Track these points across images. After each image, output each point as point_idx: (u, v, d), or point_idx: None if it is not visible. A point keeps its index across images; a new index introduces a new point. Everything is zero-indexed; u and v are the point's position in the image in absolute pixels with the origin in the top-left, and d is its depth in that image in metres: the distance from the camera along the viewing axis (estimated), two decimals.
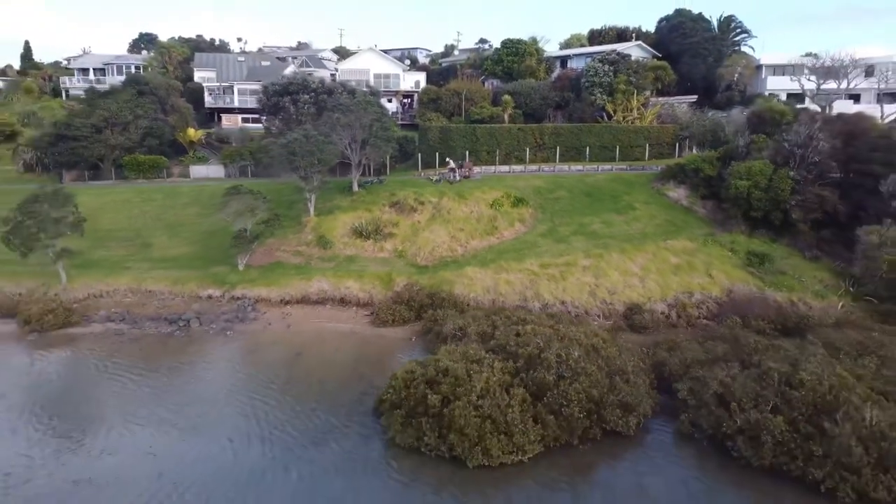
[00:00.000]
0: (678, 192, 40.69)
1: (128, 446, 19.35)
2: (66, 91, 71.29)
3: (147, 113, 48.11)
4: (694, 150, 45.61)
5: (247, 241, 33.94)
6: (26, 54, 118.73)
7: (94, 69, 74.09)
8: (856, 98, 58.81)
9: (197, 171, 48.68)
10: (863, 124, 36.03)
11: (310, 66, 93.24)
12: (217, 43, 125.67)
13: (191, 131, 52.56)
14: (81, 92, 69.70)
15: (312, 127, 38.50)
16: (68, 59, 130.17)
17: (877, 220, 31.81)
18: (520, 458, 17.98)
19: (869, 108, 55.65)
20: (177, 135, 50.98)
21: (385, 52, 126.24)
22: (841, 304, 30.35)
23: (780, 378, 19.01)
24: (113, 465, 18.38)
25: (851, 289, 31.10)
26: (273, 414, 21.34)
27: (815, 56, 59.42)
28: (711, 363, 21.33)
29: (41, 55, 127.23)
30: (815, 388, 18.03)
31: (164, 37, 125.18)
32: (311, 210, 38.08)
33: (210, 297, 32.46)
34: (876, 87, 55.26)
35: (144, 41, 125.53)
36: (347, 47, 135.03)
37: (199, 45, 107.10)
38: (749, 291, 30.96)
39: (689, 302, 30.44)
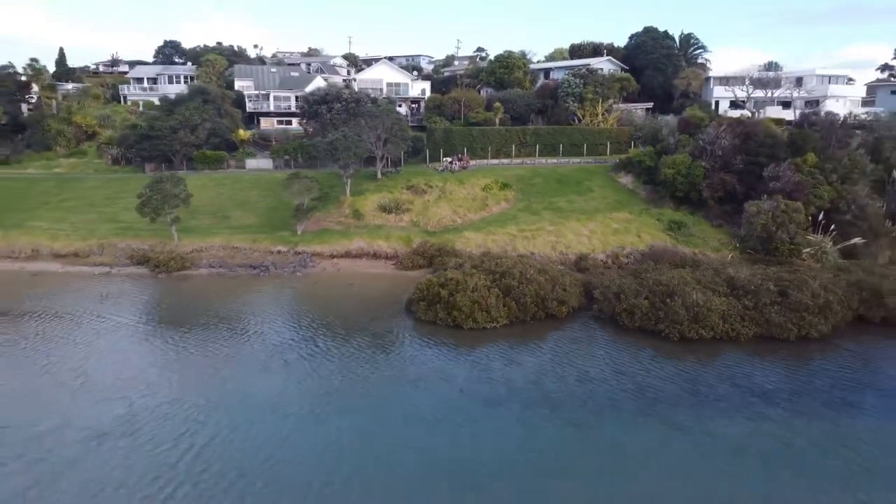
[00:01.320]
0: (626, 179, 53.85)
1: (245, 331, 32.32)
2: (125, 97, 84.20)
3: (210, 117, 61.15)
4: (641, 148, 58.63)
5: (304, 213, 47.03)
6: (61, 60, 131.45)
7: (147, 78, 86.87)
8: (786, 104, 71.95)
9: (250, 163, 61.72)
10: (756, 127, 49.16)
11: (324, 73, 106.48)
12: (236, 49, 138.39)
13: (241, 132, 65.64)
14: (142, 99, 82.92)
15: (346, 129, 51.55)
16: (97, 65, 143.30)
17: (761, 196, 44.88)
18: (494, 325, 31.08)
19: (795, 112, 68.95)
20: (231, 135, 64.00)
21: (391, 58, 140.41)
22: (730, 255, 43.44)
23: (651, 282, 32.12)
24: (238, 341, 31.39)
25: (738, 245, 44.25)
26: (339, 312, 34.27)
27: (777, 66, 72.70)
28: (618, 279, 34.42)
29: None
30: (668, 283, 31.17)
31: (186, 44, 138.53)
32: (348, 192, 51.14)
33: (279, 251, 45.50)
34: (795, 95, 68.41)
35: (170, 47, 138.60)
36: (356, 54, 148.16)
37: (222, 52, 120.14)
38: (665, 246, 44.07)
39: (622, 253, 43.55)
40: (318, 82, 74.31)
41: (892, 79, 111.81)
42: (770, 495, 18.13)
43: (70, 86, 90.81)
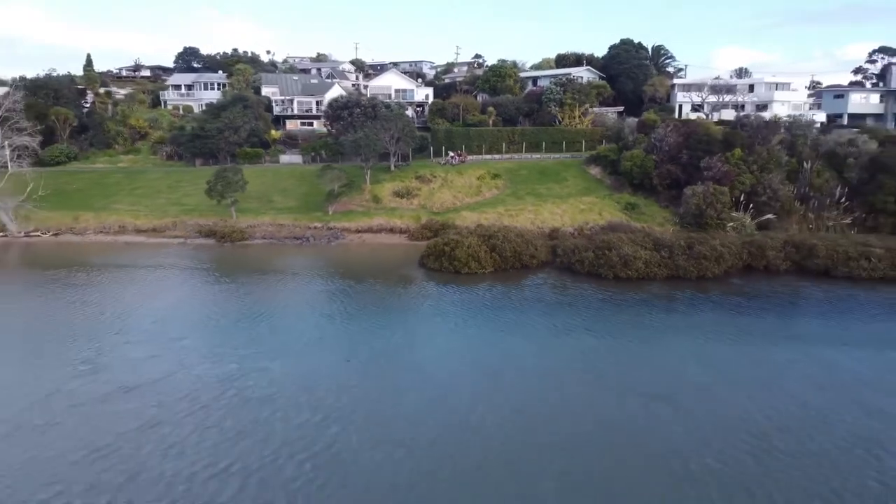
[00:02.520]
0: (595, 170, 66.58)
1: (305, 277, 45.00)
2: (165, 102, 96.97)
3: (249, 120, 73.88)
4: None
5: (334, 197, 59.77)
6: (88, 65, 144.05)
7: (184, 85, 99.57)
8: (740, 107, 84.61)
9: (283, 158, 74.46)
10: (697, 128, 61.88)
11: (335, 78, 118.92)
12: (250, 55, 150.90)
13: (273, 132, 78.37)
14: (181, 103, 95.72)
15: (367, 130, 64.19)
16: (120, 69, 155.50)
17: (697, 183, 57.46)
18: (483, 270, 43.82)
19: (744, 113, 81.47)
20: (265, 135, 76.75)
21: (395, 64, 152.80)
22: (672, 229, 56.13)
23: (598, 241, 44.87)
24: (303, 282, 44.08)
25: (678, 221, 56.95)
26: (369, 265, 46.98)
27: (747, 72, 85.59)
28: (575, 241, 47.16)
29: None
30: (608, 241, 43.93)
31: (204, 50, 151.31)
32: (368, 181, 63.83)
33: (315, 227, 58.10)
34: (745, 100, 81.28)
35: (189, 54, 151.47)
36: (363, 59, 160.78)
37: (241, 59, 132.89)
38: (620, 222, 56.71)
39: (585, 227, 56.21)
40: (336, 90, 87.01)
41: (865, 81, 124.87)
42: (661, 340, 30.88)
43: (122, 92, 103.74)
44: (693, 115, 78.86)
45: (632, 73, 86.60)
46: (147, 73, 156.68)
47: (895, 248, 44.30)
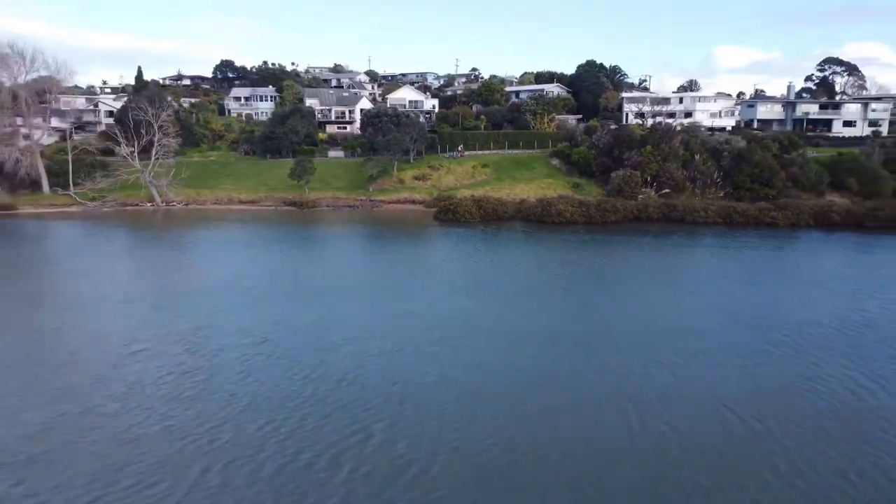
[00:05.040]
0: (556, 162, 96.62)
1: (361, 226, 75.10)
2: (229, 111, 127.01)
3: (306, 125, 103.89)
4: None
5: (373, 179, 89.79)
6: (139, 76, 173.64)
7: (243, 97, 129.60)
8: (672, 115, 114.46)
9: (331, 153, 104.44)
10: (624, 131, 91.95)
11: (355, 89, 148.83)
12: (276, 66, 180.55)
13: (320, 134, 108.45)
14: (241, 111, 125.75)
15: (395, 133, 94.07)
16: (164, 79, 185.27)
17: (620, 169, 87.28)
18: (474, 220, 73.96)
19: (675, 120, 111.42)
20: (315, 136, 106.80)
21: (404, 75, 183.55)
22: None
23: (543, 201, 74.97)
24: (360, 227, 74.28)
25: (606, 195, 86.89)
26: (401, 221, 76.93)
27: (697, 84, 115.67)
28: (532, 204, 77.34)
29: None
30: (549, 202, 74.04)
31: (239, 62, 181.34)
32: (395, 169, 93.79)
33: (361, 199, 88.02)
34: (676, 110, 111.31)
35: (224, 66, 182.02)
36: (376, 70, 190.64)
37: (274, 73, 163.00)
38: (567, 195, 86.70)
39: (543, 198, 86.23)
40: (365, 102, 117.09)
41: (815, 86, 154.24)
42: (583, 258, 60.68)
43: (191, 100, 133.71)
44: (635, 121, 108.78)
45: (591, 88, 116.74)
46: (188, 82, 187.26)
47: (728, 206, 74.57)
